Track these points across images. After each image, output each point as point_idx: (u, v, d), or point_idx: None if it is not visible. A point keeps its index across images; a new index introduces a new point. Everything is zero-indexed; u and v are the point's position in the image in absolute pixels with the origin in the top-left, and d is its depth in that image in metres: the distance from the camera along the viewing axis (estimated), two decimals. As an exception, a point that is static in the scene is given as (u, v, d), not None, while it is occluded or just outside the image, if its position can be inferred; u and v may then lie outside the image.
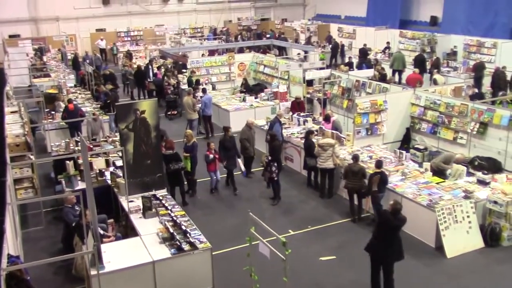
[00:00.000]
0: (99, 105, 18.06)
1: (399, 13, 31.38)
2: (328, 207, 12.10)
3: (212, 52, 26.70)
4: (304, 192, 13.05)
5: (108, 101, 17.86)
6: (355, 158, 11.49)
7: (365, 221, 11.24)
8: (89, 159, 11.30)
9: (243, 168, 13.37)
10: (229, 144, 12.93)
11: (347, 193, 11.64)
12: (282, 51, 30.79)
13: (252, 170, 13.92)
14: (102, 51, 32.86)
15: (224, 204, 12.45)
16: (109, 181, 11.43)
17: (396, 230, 8.31)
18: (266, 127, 14.94)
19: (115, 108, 17.24)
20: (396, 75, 22.89)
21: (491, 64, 22.42)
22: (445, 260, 9.67)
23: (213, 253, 8.78)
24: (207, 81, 21.70)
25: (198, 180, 13.09)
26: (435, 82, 19.46)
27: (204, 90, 18.27)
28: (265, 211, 11.90)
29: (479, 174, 11.45)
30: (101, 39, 33.08)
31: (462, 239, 9.97)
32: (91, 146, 13.27)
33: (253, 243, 7.74)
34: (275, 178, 12.24)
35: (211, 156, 12.57)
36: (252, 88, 21.29)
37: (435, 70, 21.02)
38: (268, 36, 34.61)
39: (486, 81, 20.57)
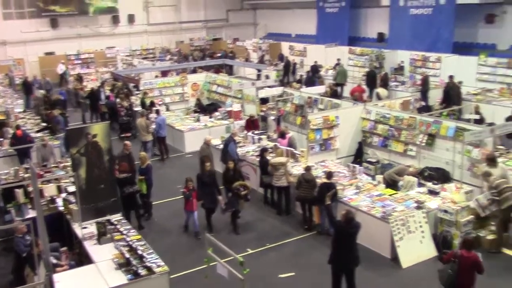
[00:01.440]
0: (37, 130, 17.65)
1: (348, 30, 32.24)
2: (286, 224, 12.17)
3: (165, 73, 26.60)
4: (262, 209, 13.09)
5: (49, 125, 17.53)
6: (308, 168, 11.85)
7: (322, 235, 11.35)
8: (40, 186, 11.01)
9: (223, 206, 11.87)
10: (207, 180, 11.61)
11: (300, 204, 11.91)
12: (231, 70, 31.01)
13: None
14: (62, 75, 31.98)
15: (181, 225, 12.30)
16: (62, 208, 11.12)
17: (353, 237, 8.57)
18: (222, 146, 14.95)
19: (57, 132, 16.98)
20: (339, 88, 24.00)
21: (436, 77, 23.35)
22: (401, 270, 9.88)
23: (171, 277, 8.67)
24: (160, 102, 21.57)
25: (154, 203, 12.92)
26: (378, 96, 20.18)
27: (157, 111, 18.16)
28: (223, 230, 11.83)
29: (430, 184, 11.80)
30: (62, 63, 32.22)
31: (416, 249, 10.21)
32: (42, 173, 12.89)
33: (211, 264, 7.70)
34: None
35: (188, 193, 11.43)
36: (206, 108, 21.31)
37: (376, 85, 22.01)
38: (219, 55, 34.84)
39: (433, 94, 21.35)
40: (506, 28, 24.64)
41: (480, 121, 16.10)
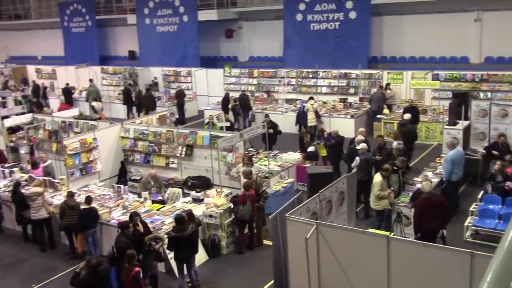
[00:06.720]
0: None
1: (98, 50, 31.69)
2: (53, 259, 11.30)
3: None
4: (23, 248, 11.92)
5: None
6: (71, 194, 11.27)
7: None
8: None
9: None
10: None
11: (66, 234, 11.25)
12: None
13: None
14: None
15: None
16: None
17: (105, 279, 8.39)
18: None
19: None
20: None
21: (189, 90, 24.59)
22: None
23: None
24: None
25: None
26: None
27: None
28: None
29: (193, 193, 12.30)
30: None
31: (188, 257, 10.51)
32: None
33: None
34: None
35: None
36: None
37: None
38: None
39: (189, 107, 22.50)
40: (244, 42, 27.38)
41: (232, 128, 17.46)
